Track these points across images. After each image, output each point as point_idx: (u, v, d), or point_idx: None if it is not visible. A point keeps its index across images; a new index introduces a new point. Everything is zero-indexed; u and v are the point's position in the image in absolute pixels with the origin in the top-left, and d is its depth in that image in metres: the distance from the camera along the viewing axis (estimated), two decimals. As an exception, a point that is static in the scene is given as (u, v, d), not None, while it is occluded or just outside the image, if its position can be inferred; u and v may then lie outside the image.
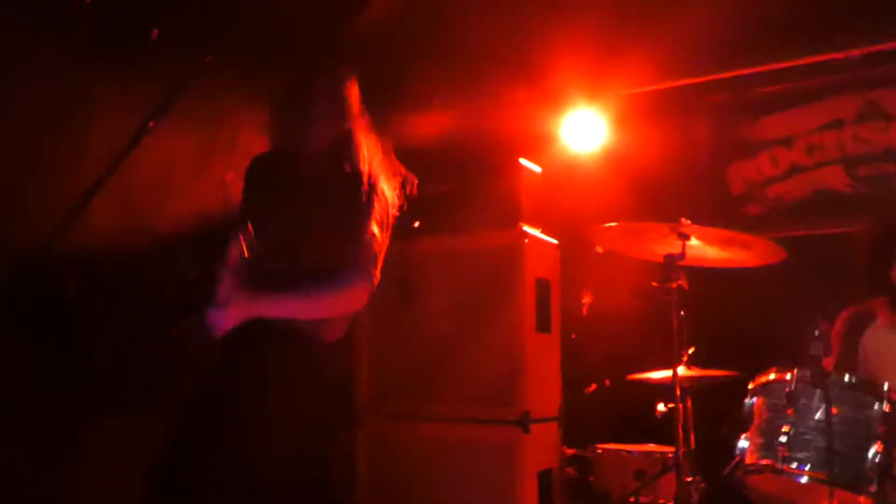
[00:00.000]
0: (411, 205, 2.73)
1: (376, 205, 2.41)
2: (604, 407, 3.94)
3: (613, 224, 2.81)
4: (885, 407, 2.26)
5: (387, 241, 2.45)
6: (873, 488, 2.17)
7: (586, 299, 4.39)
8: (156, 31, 3.02)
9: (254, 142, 3.64)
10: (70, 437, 2.93)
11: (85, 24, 2.83)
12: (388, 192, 2.48)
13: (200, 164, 3.46)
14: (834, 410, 2.24)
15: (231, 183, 3.60)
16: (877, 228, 3.06)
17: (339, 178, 2.42)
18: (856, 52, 4.09)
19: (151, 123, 2.27)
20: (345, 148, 2.46)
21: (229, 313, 2.20)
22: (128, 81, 3.00)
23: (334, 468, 3.86)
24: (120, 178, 2.32)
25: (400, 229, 2.55)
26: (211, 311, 2.19)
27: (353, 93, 2.54)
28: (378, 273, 2.40)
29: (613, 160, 4.53)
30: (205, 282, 2.44)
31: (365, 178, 2.44)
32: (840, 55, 4.12)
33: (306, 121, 2.45)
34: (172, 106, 2.35)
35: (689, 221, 2.73)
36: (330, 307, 2.37)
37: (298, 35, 3.66)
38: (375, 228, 2.39)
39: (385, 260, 2.46)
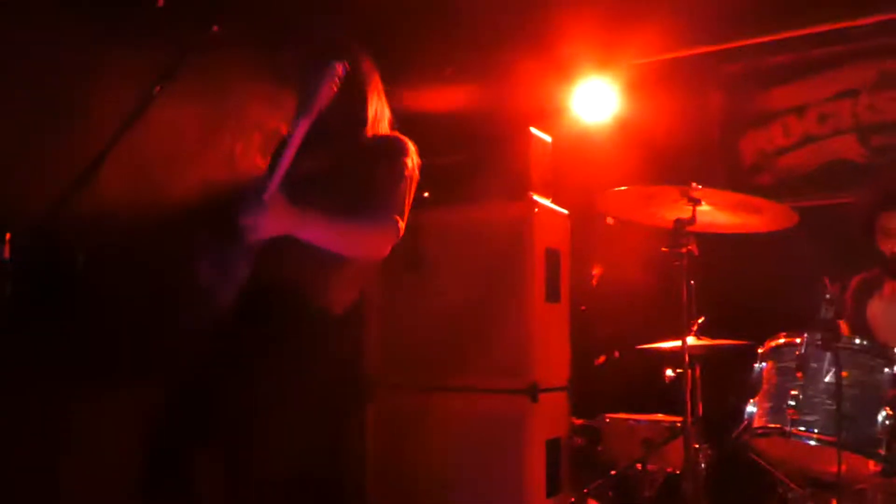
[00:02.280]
0: (421, 175, 2.75)
1: (408, 162, 2.48)
2: (613, 378, 3.95)
3: (624, 188, 2.78)
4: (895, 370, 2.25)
5: (411, 201, 2.50)
6: (882, 451, 2.17)
7: (596, 271, 4.38)
8: (161, 0, 3.01)
9: (262, 113, 3.65)
10: (66, 412, 2.95)
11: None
12: (414, 156, 2.54)
13: (209, 135, 3.46)
14: (844, 374, 2.23)
15: (241, 154, 3.61)
16: (862, 198, 3.05)
17: (382, 142, 2.50)
18: (868, 21, 4.03)
19: (158, 88, 2.25)
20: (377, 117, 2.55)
21: (274, 217, 2.17)
22: (133, 48, 3.00)
23: (345, 440, 3.88)
24: (128, 147, 2.31)
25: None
26: (258, 208, 2.15)
27: (370, 68, 2.60)
28: (404, 223, 2.43)
29: (624, 130, 4.50)
30: (213, 248, 2.45)
31: (399, 138, 2.52)
32: (853, 24, 4.07)
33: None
34: (179, 74, 2.34)
35: (699, 185, 2.71)
36: (363, 243, 2.40)
37: (307, 5, 3.65)
38: (406, 182, 2.45)
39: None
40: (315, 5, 3.74)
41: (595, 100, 4.57)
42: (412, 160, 2.51)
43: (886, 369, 2.25)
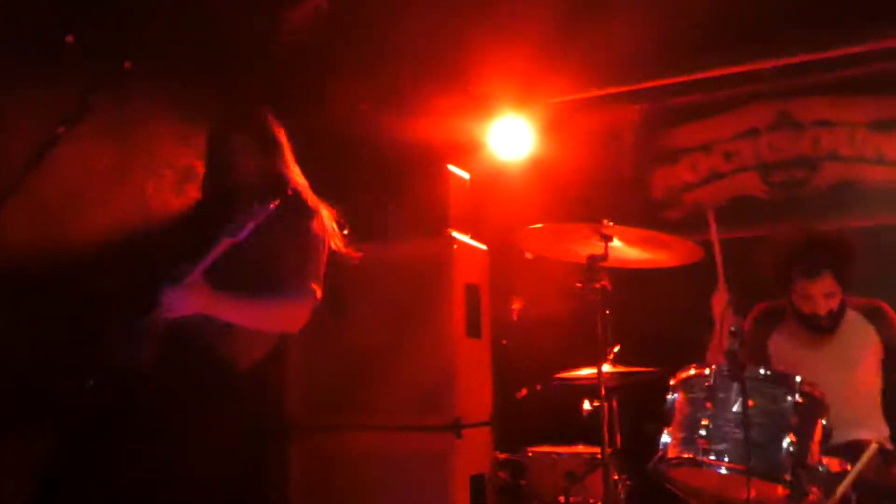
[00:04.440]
0: (340, 212, 2.76)
1: (318, 234, 2.50)
2: (535, 410, 3.97)
3: (539, 226, 2.85)
4: (798, 399, 2.34)
5: (325, 257, 2.54)
6: (787, 477, 2.24)
7: (516, 305, 4.43)
8: (71, 37, 2.94)
9: (174, 150, 3.59)
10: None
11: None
12: (323, 211, 2.58)
13: (119, 173, 3.37)
14: (750, 403, 2.31)
15: (152, 192, 3.53)
16: (780, 249, 3.09)
17: (288, 203, 2.47)
18: (769, 64, 4.27)
19: (62, 130, 2.20)
20: (279, 179, 2.56)
21: (191, 299, 2.22)
22: (41, 87, 2.91)
23: (267, 484, 3.78)
24: (32, 188, 2.24)
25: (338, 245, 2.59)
26: (168, 293, 2.20)
27: (273, 128, 2.64)
28: (320, 290, 2.46)
29: (541, 167, 4.60)
30: (124, 295, 2.39)
31: (300, 200, 2.54)
32: (755, 67, 4.30)
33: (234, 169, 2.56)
34: (87, 112, 2.29)
35: (610, 223, 2.80)
36: (277, 318, 2.46)
37: (220, 42, 3.62)
38: (315, 244, 2.49)
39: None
40: (229, 41, 3.71)
41: (512, 137, 4.67)
42: (321, 222, 2.53)
43: (789, 397, 2.33)
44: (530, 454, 3.65)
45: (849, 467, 2.41)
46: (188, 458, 2.25)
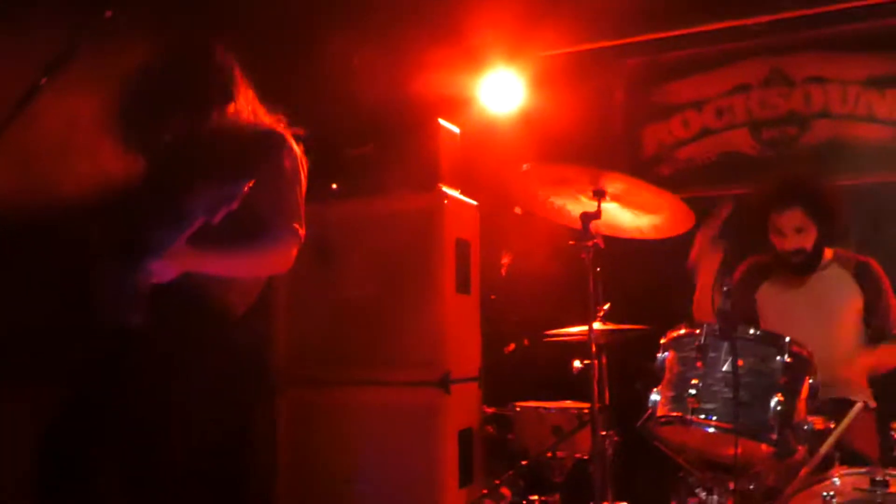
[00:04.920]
0: (329, 167, 2.71)
1: (290, 164, 2.43)
2: (523, 366, 4.01)
3: (527, 166, 2.72)
4: (787, 359, 2.36)
5: (304, 193, 2.47)
6: (774, 436, 2.28)
7: (505, 260, 4.43)
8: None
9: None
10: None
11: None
12: (295, 146, 2.50)
13: (102, 126, 3.29)
14: (740, 362, 2.33)
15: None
16: (754, 196, 3.16)
17: (252, 140, 2.42)
18: (762, 20, 4.22)
19: (44, 80, 2.13)
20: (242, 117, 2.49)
21: (172, 264, 2.19)
22: (21, 37, 2.82)
23: (254, 436, 3.81)
24: (16, 140, 2.18)
25: (318, 192, 2.54)
26: (151, 263, 2.17)
27: (230, 65, 2.54)
28: (303, 227, 2.42)
29: (531, 122, 4.55)
30: (114, 248, 2.36)
31: (270, 133, 2.46)
32: (747, 22, 4.24)
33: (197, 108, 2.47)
34: (69, 62, 2.22)
35: (602, 170, 2.70)
36: (264, 263, 2.43)
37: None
38: (291, 181, 2.42)
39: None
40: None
41: (502, 91, 4.61)
42: (291, 154, 2.45)
43: (779, 357, 2.35)
44: (518, 409, 3.69)
45: (832, 425, 2.45)
46: (179, 409, 2.25)
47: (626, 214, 2.80)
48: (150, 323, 2.23)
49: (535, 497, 3.44)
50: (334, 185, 3.80)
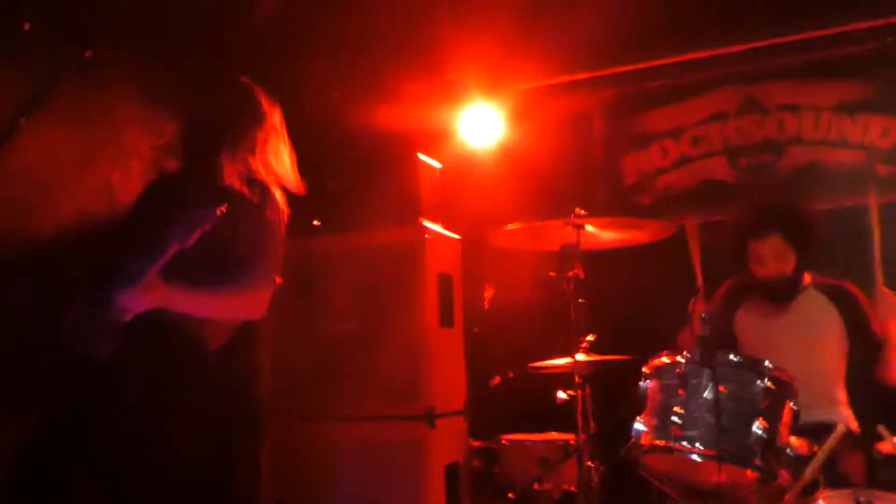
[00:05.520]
0: (310, 203, 2.73)
1: (273, 217, 2.47)
2: (508, 398, 3.99)
3: (514, 226, 2.85)
4: (767, 383, 2.38)
5: (282, 241, 2.49)
6: (758, 461, 2.28)
7: (488, 293, 4.44)
8: (27, 24, 2.86)
9: (140, 140, 3.52)
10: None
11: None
12: (279, 199, 2.53)
13: (83, 162, 3.30)
14: (721, 389, 2.34)
15: (118, 183, 3.46)
16: (732, 224, 3.18)
17: (228, 191, 2.44)
18: (734, 49, 4.29)
19: (23, 120, 2.15)
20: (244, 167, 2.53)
21: (145, 295, 2.19)
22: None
23: (237, 472, 3.76)
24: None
25: (300, 228, 2.55)
26: (124, 293, 2.17)
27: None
28: (279, 275, 2.44)
29: (511, 154, 4.59)
30: (89, 281, 2.35)
31: (263, 191, 2.49)
32: (719, 51, 4.32)
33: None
34: (48, 101, 2.23)
35: (583, 211, 2.80)
36: (237, 307, 2.44)
37: (184, 28, 3.54)
38: (275, 239, 2.45)
39: (285, 260, 2.50)
40: (195, 26, 3.64)
41: (481, 124, 4.65)
42: (274, 206, 2.49)
43: (759, 382, 2.37)
44: (504, 442, 3.66)
45: (816, 449, 2.45)
46: (160, 443, 2.23)
47: (607, 234, 2.84)
48: (124, 354, 2.22)
49: (524, 530, 3.41)
50: (316, 222, 3.81)
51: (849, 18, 4.04)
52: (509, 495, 3.39)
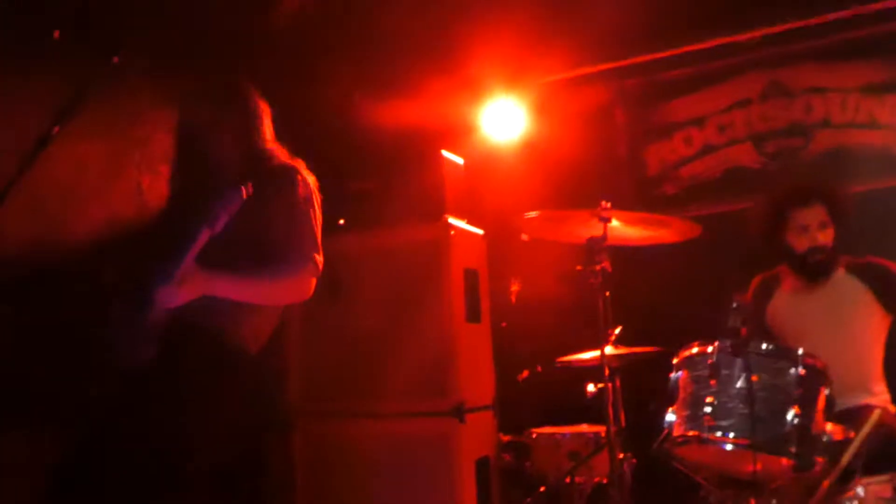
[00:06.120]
0: (335, 202, 2.74)
1: (303, 193, 2.45)
2: (537, 392, 3.99)
3: (535, 214, 2.84)
4: (801, 371, 2.35)
5: (320, 223, 2.49)
6: (793, 449, 2.26)
7: (514, 287, 4.43)
8: (57, 32, 2.91)
9: (168, 144, 3.56)
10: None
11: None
12: (309, 178, 2.53)
13: (113, 168, 3.35)
14: (754, 378, 2.32)
15: (147, 187, 3.50)
16: (772, 196, 3.16)
17: (265, 175, 2.44)
18: (756, 34, 4.24)
19: (57, 129, 2.17)
20: (256, 155, 2.52)
21: (183, 287, 2.18)
22: (30, 85, 2.88)
23: (270, 472, 3.80)
24: (28, 187, 2.23)
25: (325, 227, 2.56)
26: (162, 291, 2.17)
27: (257, 104, 2.59)
28: (321, 256, 2.43)
29: (534, 147, 4.58)
30: (125, 286, 2.38)
31: (289, 171, 2.49)
32: (742, 37, 4.27)
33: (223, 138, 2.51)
34: (79, 109, 2.26)
35: (608, 205, 2.79)
36: (279, 290, 2.40)
37: (208, 31, 3.58)
38: (306, 211, 2.43)
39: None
40: (219, 29, 3.67)
41: (504, 119, 4.64)
42: (304, 184, 2.48)
43: (792, 370, 2.34)
44: (534, 435, 3.66)
45: (852, 434, 2.42)
46: (196, 447, 2.25)
47: (633, 230, 2.82)
48: (163, 361, 2.23)
49: (556, 524, 3.41)
50: (341, 221, 3.83)
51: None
52: (541, 489, 3.39)
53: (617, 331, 3.15)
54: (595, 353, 3.00)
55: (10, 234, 2.80)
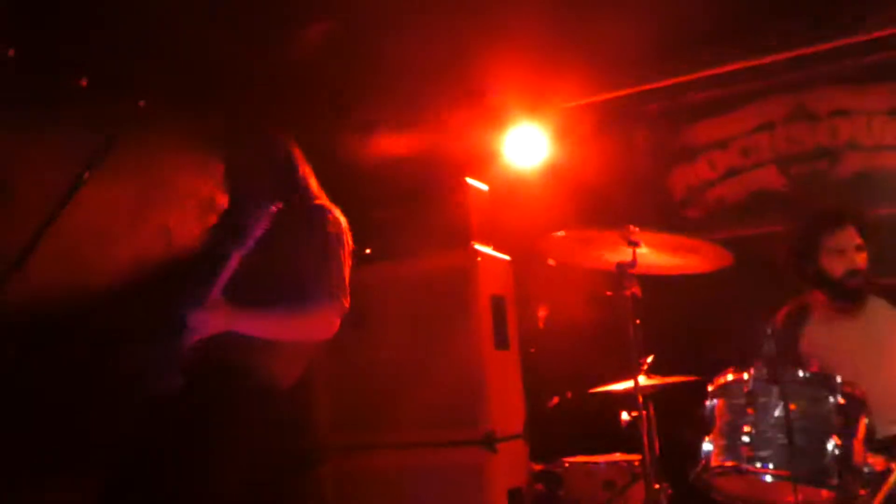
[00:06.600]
0: (362, 231, 2.76)
1: (333, 231, 2.47)
2: (568, 419, 3.96)
3: (562, 233, 2.81)
4: (840, 400, 2.31)
5: (349, 265, 2.51)
6: (834, 481, 2.22)
7: (542, 313, 4.42)
8: (84, 80, 2.96)
9: (195, 181, 3.60)
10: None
11: (9, 77, 2.77)
12: (340, 218, 2.55)
13: (141, 211, 3.39)
14: (792, 406, 2.29)
15: (176, 226, 3.54)
16: (803, 222, 3.13)
17: (298, 214, 2.48)
18: (779, 57, 4.23)
19: (87, 174, 2.22)
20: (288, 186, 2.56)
21: (214, 318, 2.24)
22: (59, 132, 2.94)
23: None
24: (58, 233, 2.26)
25: (352, 257, 2.58)
26: (193, 314, 2.22)
27: (288, 149, 2.66)
28: (347, 297, 2.44)
29: (558, 173, 4.59)
30: (152, 323, 2.41)
31: (320, 210, 2.53)
32: (765, 60, 4.27)
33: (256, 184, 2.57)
34: (107, 154, 2.30)
35: (636, 228, 2.77)
36: (305, 329, 2.43)
37: (232, 71, 3.63)
38: (335, 252, 2.46)
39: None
40: (243, 66, 3.73)
41: (527, 145, 4.66)
42: (335, 223, 2.51)
43: (831, 398, 2.31)
44: (566, 465, 3.63)
45: (894, 465, 2.38)
46: (227, 482, 2.26)
47: (663, 257, 2.80)
48: (192, 395, 2.25)
49: (591, 555, 3.36)
50: (368, 251, 3.85)
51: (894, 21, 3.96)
52: (575, 519, 3.36)
53: (649, 359, 3.12)
54: (628, 384, 2.97)
55: (44, 278, 2.83)
